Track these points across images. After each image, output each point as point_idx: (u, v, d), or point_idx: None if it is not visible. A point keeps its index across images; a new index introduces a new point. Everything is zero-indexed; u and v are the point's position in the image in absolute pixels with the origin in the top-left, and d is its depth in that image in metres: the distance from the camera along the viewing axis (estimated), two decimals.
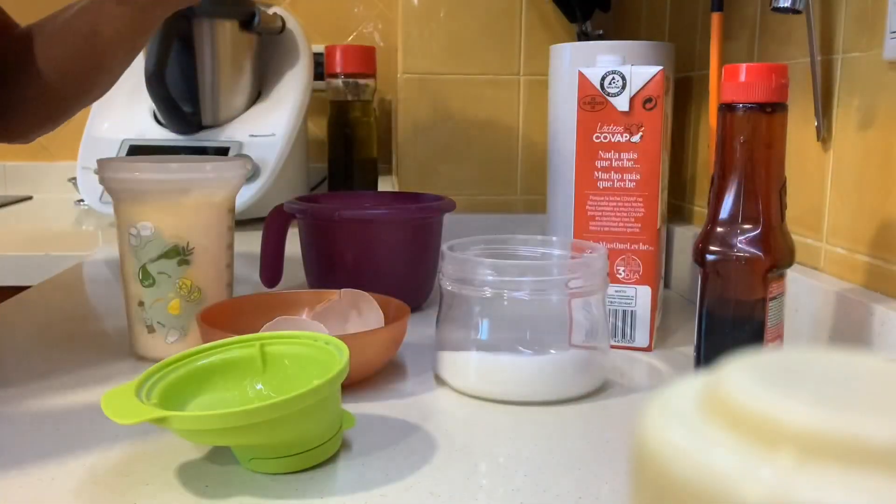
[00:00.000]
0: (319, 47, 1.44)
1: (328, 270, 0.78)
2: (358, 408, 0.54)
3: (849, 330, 0.57)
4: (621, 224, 0.66)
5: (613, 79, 0.65)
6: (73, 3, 0.72)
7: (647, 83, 0.64)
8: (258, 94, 1.30)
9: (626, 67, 0.65)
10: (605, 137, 0.66)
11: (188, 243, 0.62)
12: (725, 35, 0.79)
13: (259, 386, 0.50)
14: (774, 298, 0.54)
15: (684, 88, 0.93)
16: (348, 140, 1.38)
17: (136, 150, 1.22)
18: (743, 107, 0.52)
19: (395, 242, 0.77)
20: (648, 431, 0.18)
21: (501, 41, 1.12)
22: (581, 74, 0.66)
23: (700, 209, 0.88)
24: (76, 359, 0.64)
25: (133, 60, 0.75)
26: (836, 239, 0.63)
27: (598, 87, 0.65)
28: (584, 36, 1.07)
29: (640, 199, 0.65)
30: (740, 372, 0.18)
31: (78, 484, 0.43)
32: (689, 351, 0.67)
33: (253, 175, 1.19)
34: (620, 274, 0.67)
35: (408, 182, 1.13)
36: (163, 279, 0.62)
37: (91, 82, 0.73)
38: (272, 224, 0.81)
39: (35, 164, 1.62)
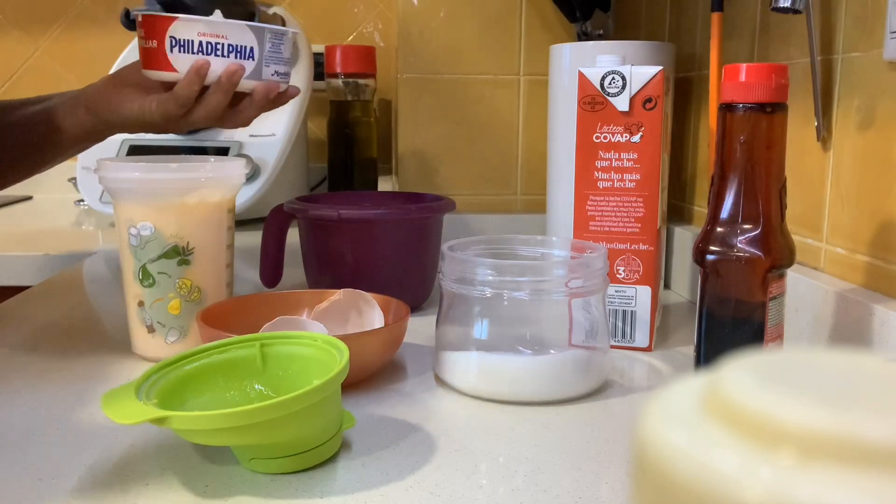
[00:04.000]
0: (319, 47, 1.44)
1: (328, 270, 0.78)
2: (358, 408, 0.54)
3: (849, 330, 0.57)
4: (621, 224, 0.66)
5: (613, 79, 0.65)
6: (37, 99, 0.79)
7: (647, 83, 0.64)
8: None
9: (626, 67, 0.65)
10: (605, 137, 0.66)
11: (188, 243, 0.62)
12: (725, 35, 0.79)
13: (259, 386, 0.50)
14: (774, 298, 0.54)
15: (684, 88, 0.93)
16: (348, 140, 1.38)
17: (136, 150, 1.22)
18: (743, 107, 0.52)
19: (395, 242, 0.77)
20: (648, 431, 0.18)
21: (501, 41, 1.11)
22: (581, 74, 0.66)
23: (700, 209, 0.88)
24: (76, 359, 0.64)
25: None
26: (836, 239, 0.63)
27: (598, 87, 0.65)
28: (584, 36, 1.07)
29: (640, 199, 0.65)
30: (740, 372, 0.18)
31: (78, 484, 0.43)
32: (689, 351, 0.67)
33: (253, 175, 1.19)
34: (620, 274, 0.67)
35: (408, 182, 1.13)
36: (163, 279, 0.62)
37: (37, 169, 0.83)
38: (272, 224, 0.81)
39: None
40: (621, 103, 0.65)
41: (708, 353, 0.56)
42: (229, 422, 0.41)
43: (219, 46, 0.69)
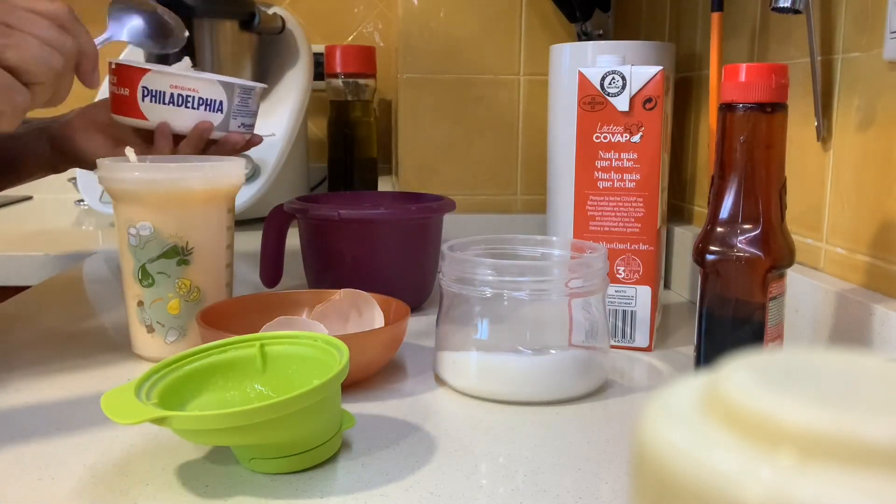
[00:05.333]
0: (319, 47, 1.44)
1: (328, 270, 0.78)
2: (358, 408, 0.54)
3: (849, 330, 0.57)
4: (621, 224, 0.66)
5: (613, 79, 0.65)
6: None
7: (647, 83, 0.64)
8: None
9: (626, 67, 0.65)
10: (605, 137, 0.66)
11: (187, 243, 0.62)
12: (725, 35, 0.79)
13: (259, 386, 0.50)
14: (774, 298, 0.54)
15: (684, 88, 0.93)
16: (348, 140, 1.38)
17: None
18: (743, 107, 0.52)
19: (395, 242, 0.77)
20: (648, 431, 0.18)
21: (501, 41, 1.12)
22: (581, 74, 0.66)
23: (700, 209, 0.88)
24: (76, 359, 0.64)
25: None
26: (836, 239, 0.63)
27: (598, 87, 0.65)
28: (584, 36, 1.07)
29: (640, 199, 0.65)
30: (740, 372, 0.18)
31: (78, 484, 0.43)
32: (689, 351, 0.67)
33: (253, 175, 1.19)
34: (620, 274, 0.67)
35: (408, 182, 1.13)
36: (162, 279, 0.62)
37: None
38: (272, 224, 0.81)
39: None
40: (621, 103, 0.65)
41: (708, 353, 0.56)
42: (229, 422, 0.41)
43: (189, 99, 0.73)
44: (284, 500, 0.42)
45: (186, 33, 0.77)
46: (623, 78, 0.65)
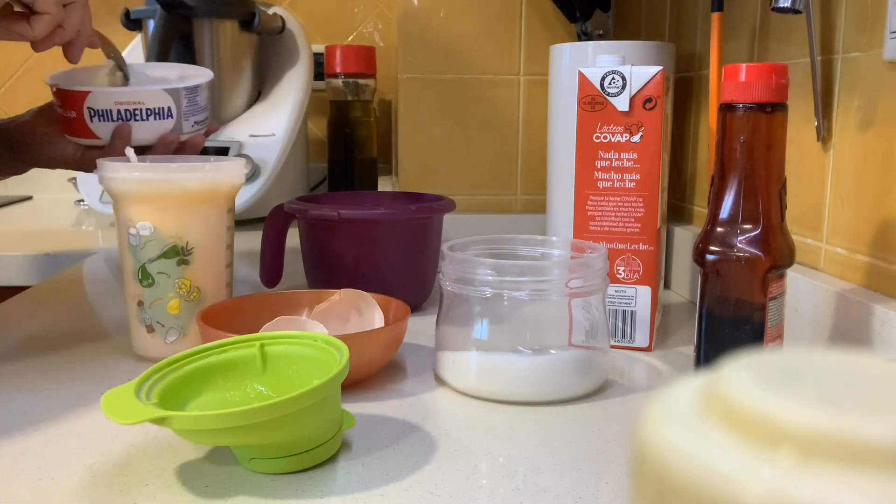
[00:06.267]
0: (319, 47, 1.44)
1: (328, 270, 0.78)
2: (358, 408, 0.54)
3: (849, 330, 0.57)
4: (621, 224, 0.66)
5: (613, 79, 0.65)
6: None
7: (647, 83, 0.64)
8: (258, 94, 1.30)
9: (626, 67, 0.65)
10: (605, 137, 0.66)
11: (187, 243, 0.62)
12: (725, 35, 0.79)
13: (259, 386, 0.50)
14: (774, 298, 0.54)
15: (684, 88, 0.93)
16: (348, 140, 1.38)
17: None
18: (743, 107, 0.52)
19: (395, 242, 0.77)
20: (648, 431, 0.18)
21: (501, 41, 1.12)
22: (581, 74, 0.66)
23: (700, 209, 0.88)
24: (76, 359, 0.64)
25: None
26: (836, 239, 0.63)
27: (598, 87, 0.65)
28: (584, 36, 1.07)
29: (640, 199, 0.65)
30: (740, 372, 0.18)
31: (78, 484, 0.43)
32: (689, 351, 0.67)
33: (253, 175, 1.19)
34: (620, 274, 0.67)
35: (408, 182, 1.13)
36: (162, 279, 0.62)
37: None
38: (272, 224, 0.81)
39: None
40: (621, 103, 0.65)
41: (708, 353, 0.56)
42: (229, 422, 0.41)
43: (137, 112, 0.73)
44: (284, 500, 0.42)
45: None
46: (623, 78, 0.65)
